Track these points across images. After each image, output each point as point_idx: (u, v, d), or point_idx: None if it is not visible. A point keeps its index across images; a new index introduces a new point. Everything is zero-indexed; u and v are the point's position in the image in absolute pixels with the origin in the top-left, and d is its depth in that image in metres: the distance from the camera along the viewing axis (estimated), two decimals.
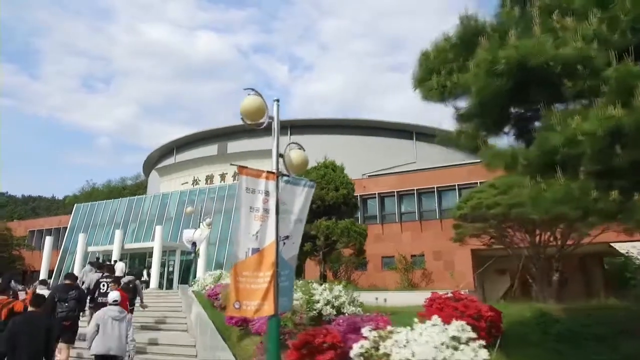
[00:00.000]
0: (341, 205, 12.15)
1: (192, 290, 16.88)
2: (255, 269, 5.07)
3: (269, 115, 5.89)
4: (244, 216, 5.22)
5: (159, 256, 27.22)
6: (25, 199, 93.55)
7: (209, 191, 33.93)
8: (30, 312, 6.27)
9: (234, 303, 4.98)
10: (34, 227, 41.89)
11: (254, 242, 5.16)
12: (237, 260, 5.06)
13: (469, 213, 10.88)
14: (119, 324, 7.34)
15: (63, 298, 8.26)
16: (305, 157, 6.09)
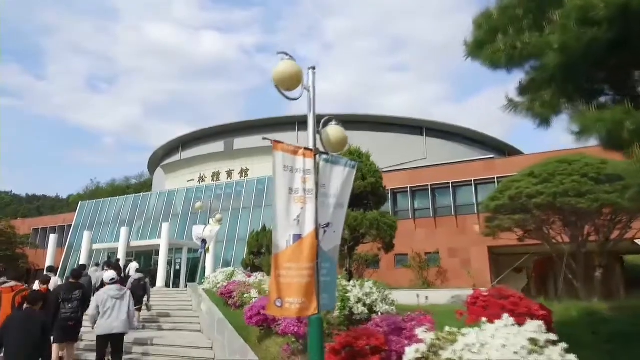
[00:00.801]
0: (369, 195, 11.27)
1: (203, 289, 16.16)
2: (298, 260, 4.34)
3: (305, 85, 5.13)
4: (282, 198, 4.49)
5: (165, 254, 26.54)
6: (30, 198, 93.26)
7: (216, 188, 33.26)
8: (26, 308, 6.12)
9: (276, 300, 4.25)
10: (37, 225, 41.32)
11: (295, 228, 4.43)
12: (278, 250, 4.34)
13: (506, 204, 10.08)
14: (119, 302, 7.38)
15: (67, 298, 8.07)
16: (344, 133, 5.34)
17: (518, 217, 10.19)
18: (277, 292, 4.24)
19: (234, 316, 10.94)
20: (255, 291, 10.15)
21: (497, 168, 25.41)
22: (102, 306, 7.42)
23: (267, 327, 8.48)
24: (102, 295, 7.53)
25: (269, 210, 29.66)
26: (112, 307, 7.41)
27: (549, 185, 9.02)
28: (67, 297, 8.06)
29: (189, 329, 11.40)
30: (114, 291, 7.57)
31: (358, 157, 11.83)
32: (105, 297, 7.43)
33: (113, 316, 7.39)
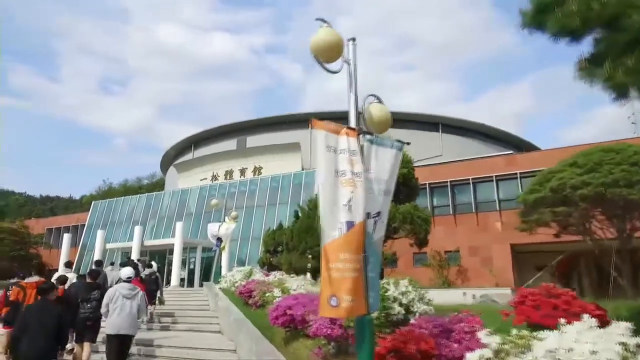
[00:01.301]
0: (400, 187, 10.60)
1: (219, 288, 15.69)
2: (349, 251, 3.79)
3: (345, 58, 4.58)
4: (328, 181, 3.93)
5: (179, 253, 26.19)
6: (44, 198, 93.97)
7: (230, 186, 32.87)
8: (42, 299, 6.11)
9: (330, 298, 3.69)
10: (51, 225, 41.32)
11: (346, 214, 3.87)
12: (329, 239, 3.78)
13: (547, 196, 9.39)
14: (130, 302, 7.21)
15: (85, 298, 8.07)
16: (389, 112, 4.76)
17: (561, 210, 9.47)
18: (330, 288, 3.69)
19: (256, 316, 10.42)
20: (278, 290, 9.62)
21: (518, 163, 24.64)
22: (112, 303, 7.28)
23: (293, 328, 7.94)
24: (112, 292, 7.35)
25: (284, 208, 29.19)
26: (120, 307, 7.25)
27: (597, 175, 8.31)
28: (85, 297, 8.04)
29: (207, 329, 10.90)
30: (126, 290, 7.37)
31: None
32: (117, 295, 7.26)
33: (121, 315, 7.22)
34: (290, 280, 12.19)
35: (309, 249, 13.67)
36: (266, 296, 10.14)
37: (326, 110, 38.51)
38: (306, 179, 29.72)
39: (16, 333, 5.52)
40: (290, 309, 7.78)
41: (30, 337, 5.42)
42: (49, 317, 5.64)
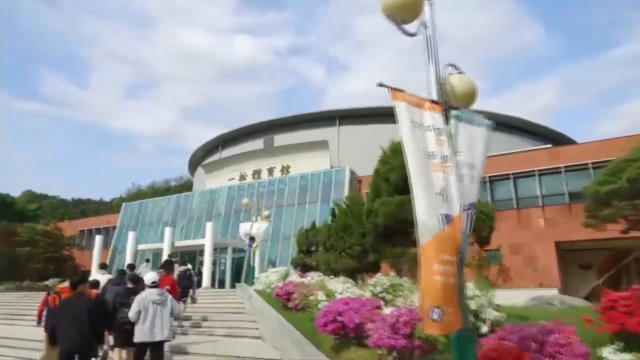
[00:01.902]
0: None
1: (254, 289, 15.11)
2: (450, 252, 3.07)
3: (422, 21, 3.85)
4: (418, 164, 3.22)
5: (210, 253, 25.85)
6: (75, 201, 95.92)
7: (258, 186, 32.44)
8: (75, 293, 6.10)
9: (431, 311, 2.96)
10: (83, 227, 41.80)
11: (442, 205, 3.16)
12: (428, 236, 3.07)
13: (623, 188, 8.42)
14: (160, 308, 6.95)
15: (124, 303, 7.86)
16: (474, 84, 4.00)
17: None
18: (431, 297, 2.96)
19: (297, 320, 9.78)
20: (321, 293, 8.93)
21: (561, 157, 23.35)
22: (144, 311, 6.95)
23: (344, 336, 7.23)
24: (142, 298, 7.01)
25: (314, 207, 28.59)
26: (152, 314, 6.93)
27: None
28: (123, 301, 7.85)
29: (246, 334, 10.30)
30: (155, 296, 7.08)
31: None
32: (147, 302, 6.96)
33: (152, 322, 6.90)
34: (331, 282, 11.51)
35: (348, 248, 12.97)
36: (309, 299, 9.47)
37: (354, 107, 37.84)
38: (336, 176, 29.02)
39: (51, 327, 5.68)
40: (340, 315, 7.10)
41: (63, 330, 5.47)
42: (80, 309, 5.61)
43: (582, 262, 24.67)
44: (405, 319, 5.67)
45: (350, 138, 35.46)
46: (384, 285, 7.74)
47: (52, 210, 78.17)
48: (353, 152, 33.12)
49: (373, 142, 34.92)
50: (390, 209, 9.06)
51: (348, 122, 36.65)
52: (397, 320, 5.72)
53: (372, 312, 6.90)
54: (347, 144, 34.97)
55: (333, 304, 7.49)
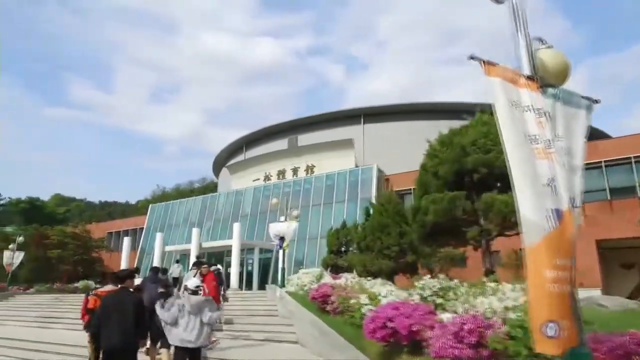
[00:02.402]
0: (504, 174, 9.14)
1: (286, 291, 14.72)
2: (564, 255, 2.58)
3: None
4: (519, 150, 2.74)
5: (237, 254, 25.63)
6: (102, 204, 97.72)
7: (284, 186, 32.14)
8: (119, 288, 6.01)
9: (545, 326, 2.48)
10: (111, 229, 42.24)
11: (551, 199, 2.66)
12: (536, 236, 2.59)
13: None
14: (195, 317, 6.52)
15: (161, 305, 7.46)
16: (567, 59, 3.47)
17: None
18: (547, 310, 2.48)
19: (336, 324, 9.36)
20: (365, 297, 8.44)
21: (600, 151, 22.31)
22: (184, 317, 6.66)
23: (393, 343, 6.75)
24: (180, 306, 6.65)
25: (340, 207, 28.11)
26: (186, 322, 6.61)
27: None
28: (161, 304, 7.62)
29: (284, 339, 9.92)
30: (194, 307, 6.57)
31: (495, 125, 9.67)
32: (184, 310, 6.61)
33: (187, 330, 6.58)
34: (369, 284, 11.04)
35: (386, 248, 12.45)
36: (350, 303, 9.00)
37: (379, 104, 37.21)
38: (362, 175, 28.46)
39: (96, 324, 5.48)
40: (391, 320, 6.62)
41: (109, 326, 5.33)
42: (126, 304, 5.52)
43: (625, 261, 23.56)
44: (470, 327, 5.16)
45: (376, 136, 34.83)
46: (434, 288, 7.22)
47: (80, 213, 79.68)
48: (378, 151, 32.50)
49: (399, 140, 34.41)
50: (441, 206, 8.53)
51: (373, 120, 36.03)
52: (461, 327, 5.21)
53: (425, 318, 6.40)
54: (372, 143, 34.35)
55: (381, 309, 7.01)
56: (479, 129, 9.14)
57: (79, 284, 30.33)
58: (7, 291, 29.86)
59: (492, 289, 5.90)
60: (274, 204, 19.52)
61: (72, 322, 15.87)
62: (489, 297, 5.74)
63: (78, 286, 30.16)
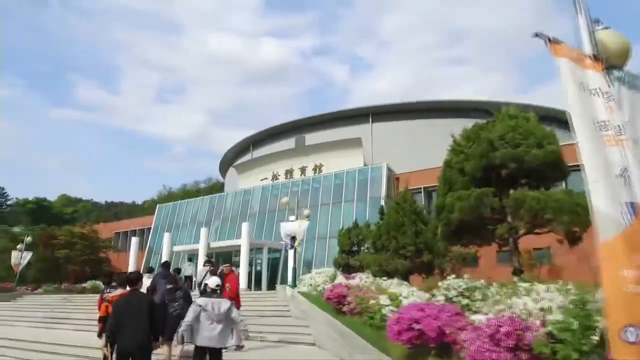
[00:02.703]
0: (547, 170, 8.77)
1: (298, 291, 14.46)
2: None
3: None
4: (588, 137, 2.46)
5: (246, 254, 25.46)
6: (109, 204, 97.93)
7: (292, 185, 31.90)
8: (131, 290, 5.99)
9: (623, 330, 2.21)
10: (118, 229, 42.17)
11: (625, 190, 2.39)
12: (611, 232, 2.32)
13: None
14: (217, 317, 6.49)
15: (172, 298, 8.35)
16: (626, 39, 3.19)
17: None
18: (626, 313, 2.22)
19: (353, 326, 9.09)
20: (385, 297, 8.17)
21: None
22: (196, 323, 6.54)
23: (419, 345, 6.48)
24: (197, 311, 6.53)
25: (349, 206, 27.83)
26: (206, 325, 6.56)
27: None
28: (171, 297, 8.32)
29: (300, 340, 9.66)
30: (216, 312, 6.46)
31: (525, 119, 9.28)
32: (202, 316, 6.50)
33: (207, 331, 6.56)
34: (385, 284, 10.77)
35: (401, 248, 12.16)
36: (369, 304, 8.73)
37: (388, 103, 36.90)
38: (372, 174, 28.15)
39: (111, 327, 5.47)
40: (417, 322, 6.34)
41: (124, 329, 5.32)
42: (139, 306, 5.51)
43: None
44: (507, 329, 4.88)
45: (384, 135, 34.51)
46: (459, 289, 6.94)
47: (87, 213, 79.82)
48: (387, 150, 32.18)
49: (409, 139, 34.05)
50: (467, 203, 8.23)
51: (381, 119, 35.71)
52: (497, 330, 4.94)
53: (454, 320, 6.13)
54: (381, 142, 34.04)
55: (405, 310, 6.74)
56: (507, 122, 8.81)
57: (87, 284, 30.25)
58: (15, 291, 29.83)
59: (525, 289, 5.61)
60: (284, 202, 19.28)
61: (80, 322, 15.72)
62: (522, 297, 5.46)
63: (86, 286, 30.09)
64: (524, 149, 8.21)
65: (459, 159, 9.29)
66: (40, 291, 30.56)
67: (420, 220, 12.86)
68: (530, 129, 8.65)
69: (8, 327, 16.73)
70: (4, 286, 31.32)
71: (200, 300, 6.83)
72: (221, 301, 6.82)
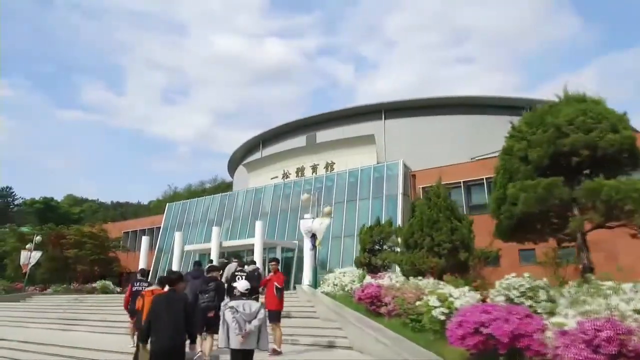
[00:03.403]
0: (622, 157, 8.07)
1: (322, 292, 13.89)
2: None
3: None
4: None
5: (260, 253, 24.89)
6: (114, 205, 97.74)
7: (305, 183, 31.28)
8: (169, 290, 5.91)
9: None
10: (127, 228, 41.69)
11: None
12: None
13: None
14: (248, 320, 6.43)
15: (203, 289, 8.46)
16: None
17: None
18: None
19: (396, 328, 8.51)
20: (434, 298, 7.54)
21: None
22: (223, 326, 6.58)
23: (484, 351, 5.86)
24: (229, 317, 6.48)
25: (365, 204, 27.18)
26: (242, 324, 6.52)
27: None
28: (203, 288, 8.45)
29: (336, 344, 9.06)
30: (247, 312, 6.43)
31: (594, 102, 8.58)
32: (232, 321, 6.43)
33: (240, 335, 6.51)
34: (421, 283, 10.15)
35: (436, 245, 11.52)
36: (415, 305, 8.11)
37: (402, 99, 36.22)
38: (388, 171, 27.48)
39: (146, 326, 5.39)
40: (484, 325, 5.73)
41: (160, 329, 5.23)
42: (177, 307, 5.42)
43: None
44: (608, 334, 4.26)
45: (397, 132, 33.85)
46: (521, 289, 6.32)
47: (93, 213, 79.50)
48: (401, 147, 31.52)
49: (422, 136, 33.36)
50: (535, 193, 7.56)
51: (395, 116, 35.04)
52: (595, 335, 4.32)
53: (525, 323, 5.52)
54: (394, 139, 33.37)
55: (468, 312, 6.12)
56: (575, 106, 8.11)
57: (97, 284, 29.77)
58: (25, 292, 29.40)
59: (612, 289, 4.99)
60: (305, 199, 18.69)
61: (95, 324, 15.18)
62: (609, 298, 4.85)
63: (96, 286, 29.61)
64: (598, 134, 7.52)
65: (520, 146, 8.61)
66: (49, 291, 30.11)
67: (454, 217, 12.24)
68: (602, 112, 7.95)
69: (22, 329, 16.21)
70: (13, 287, 30.93)
71: (232, 303, 6.77)
72: (252, 302, 6.82)
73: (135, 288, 10.63)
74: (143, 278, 11.55)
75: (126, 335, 12.91)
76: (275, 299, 8.85)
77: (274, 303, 8.81)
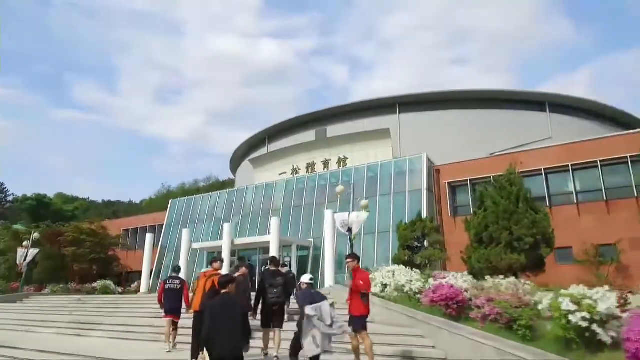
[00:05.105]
0: None
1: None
2: None
3: None
4: None
5: (276, 251, 23.35)
6: (106, 203, 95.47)
7: (319, 178, 29.87)
8: (223, 294, 5.57)
9: None
10: (126, 226, 39.86)
11: None
12: None
13: None
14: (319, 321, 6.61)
15: (272, 284, 8.25)
16: None
17: None
18: None
19: (502, 335, 7.18)
20: (567, 301, 6.20)
21: None
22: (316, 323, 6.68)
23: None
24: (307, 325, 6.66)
25: (386, 200, 25.84)
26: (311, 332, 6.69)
27: None
28: (272, 282, 8.24)
29: (424, 355, 7.71)
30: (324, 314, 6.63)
31: None
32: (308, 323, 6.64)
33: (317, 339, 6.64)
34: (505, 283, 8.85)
35: (517, 240, 10.22)
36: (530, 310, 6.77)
37: (417, 92, 35.03)
38: (410, 166, 26.18)
39: (207, 333, 5.14)
40: None
41: (221, 335, 5.07)
42: (234, 311, 5.31)
43: None
44: None
45: (413, 126, 32.62)
46: None
47: (84, 211, 77.17)
48: (416, 141, 30.24)
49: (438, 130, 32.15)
50: None
51: (409, 110, 33.81)
52: None
53: None
54: (409, 133, 32.11)
55: None
56: None
57: (97, 285, 28.08)
58: (22, 292, 27.61)
59: None
60: (339, 191, 17.36)
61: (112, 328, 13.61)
62: None
63: (96, 286, 27.91)
64: None
65: None
66: (47, 292, 28.35)
67: (531, 208, 10.96)
68: None
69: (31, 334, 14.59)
70: (8, 287, 29.11)
71: (309, 310, 6.60)
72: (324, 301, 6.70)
73: (168, 286, 10.29)
74: (176, 274, 10.69)
75: (150, 341, 11.49)
76: (361, 303, 7.50)
77: (360, 308, 7.46)
